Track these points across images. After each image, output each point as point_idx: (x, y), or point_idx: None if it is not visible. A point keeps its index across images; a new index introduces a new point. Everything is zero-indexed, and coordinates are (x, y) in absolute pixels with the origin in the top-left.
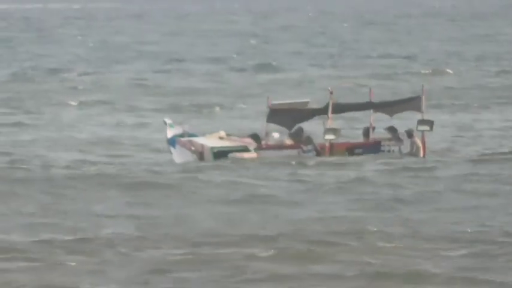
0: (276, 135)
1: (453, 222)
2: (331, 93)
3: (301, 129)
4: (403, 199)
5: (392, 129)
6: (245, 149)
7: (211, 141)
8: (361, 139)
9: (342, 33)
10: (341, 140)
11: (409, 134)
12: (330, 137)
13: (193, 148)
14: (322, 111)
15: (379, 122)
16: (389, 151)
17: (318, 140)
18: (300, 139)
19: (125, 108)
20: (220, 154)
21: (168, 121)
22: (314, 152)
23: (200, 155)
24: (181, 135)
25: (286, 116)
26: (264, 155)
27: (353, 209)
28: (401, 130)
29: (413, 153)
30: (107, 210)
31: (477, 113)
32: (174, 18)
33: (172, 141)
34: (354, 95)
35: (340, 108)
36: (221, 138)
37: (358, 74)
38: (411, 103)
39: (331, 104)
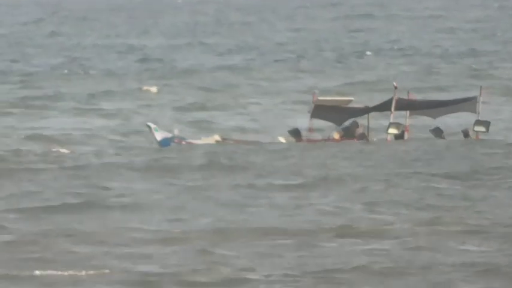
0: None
1: None
2: (396, 88)
3: (356, 124)
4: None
5: (437, 131)
6: None
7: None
8: None
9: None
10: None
11: (465, 134)
12: (393, 131)
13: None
14: (385, 107)
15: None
16: None
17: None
18: (354, 134)
19: None
20: None
21: (152, 125)
22: None
23: None
24: (172, 138)
25: (338, 112)
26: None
27: None
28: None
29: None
30: None
31: None
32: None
33: (166, 143)
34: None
35: (403, 104)
36: (217, 141)
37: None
38: (467, 104)
39: (395, 100)
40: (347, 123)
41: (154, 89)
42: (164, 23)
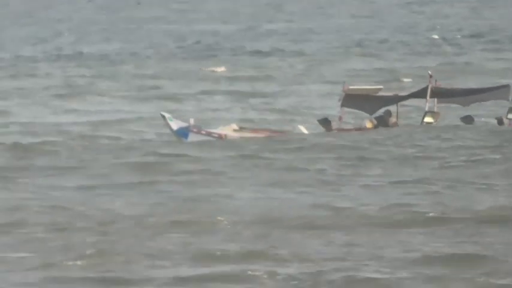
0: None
1: None
2: (431, 76)
3: (389, 113)
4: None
5: (468, 119)
6: None
7: (234, 133)
8: None
9: None
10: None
11: (500, 121)
12: (429, 120)
13: (215, 135)
14: (420, 95)
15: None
16: None
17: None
18: (387, 123)
19: None
20: None
21: (167, 114)
22: None
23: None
24: (187, 128)
25: (370, 100)
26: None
27: None
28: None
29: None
30: None
31: None
32: None
33: (182, 133)
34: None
35: (438, 93)
36: (235, 130)
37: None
38: (499, 91)
39: (430, 88)
40: (380, 112)
41: (221, 68)
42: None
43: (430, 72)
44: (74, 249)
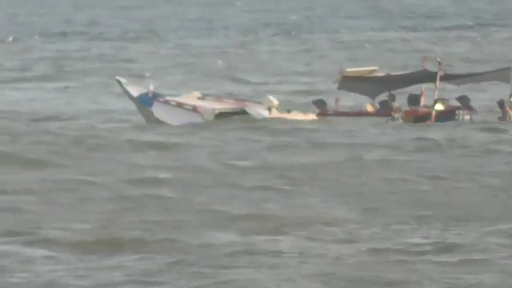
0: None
1: None
2: (440, 63)
3: (393, 97)
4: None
5: (464, 99)
6: (243, 112)
7: (205, 103)
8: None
9: None
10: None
11: (501, 104)
12: (439, 107)
13: (188, 107)
14: (427, 80)
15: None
16: (462, 119)
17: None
18: (391, 107)
19: None
20: (221, 116)
21: (122, 79)
22: (401, 120)
23: (199, 115)
24: (147, 94)
25: (371, 83)
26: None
27: None
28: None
29: (507, 122)
30: None
31: None
32: None
33: (145, 100)
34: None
35: (447, 78)
36: (199, 98)
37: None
38: (500, 73)
39: (439, 74)
40: (383, 96)
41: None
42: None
43: (439, 59)
44: None
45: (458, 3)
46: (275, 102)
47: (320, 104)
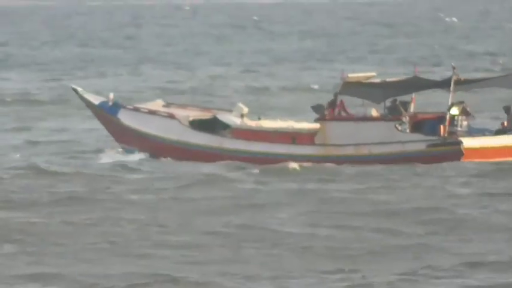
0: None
1: None
2: (454, 68)
3: (401, 103)
4: None
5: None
6: (216, 119)
7: (176, 111)
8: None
9: None
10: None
11: (507, 109)
12: (454, 111)
13: (164, 115)
14: (441, 85)
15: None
16: (460, 125)
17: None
18: (400, 112)
19: None
20: (196, 124)
21: (79, 88)
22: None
23: (177, 122)
24: (107, 103)
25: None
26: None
27: None
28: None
29: None
30: None
31: None
32: None
33: (106, 108)
34: None
35: (461, 83)
36: (164, 106)
37: None
38: (505, 79)
39: (454, 79)
40: (388, 102)
41: None
42: None
43: (453, 64)
44: None
45: None
46: (245, 109)
47: (318, 109)
